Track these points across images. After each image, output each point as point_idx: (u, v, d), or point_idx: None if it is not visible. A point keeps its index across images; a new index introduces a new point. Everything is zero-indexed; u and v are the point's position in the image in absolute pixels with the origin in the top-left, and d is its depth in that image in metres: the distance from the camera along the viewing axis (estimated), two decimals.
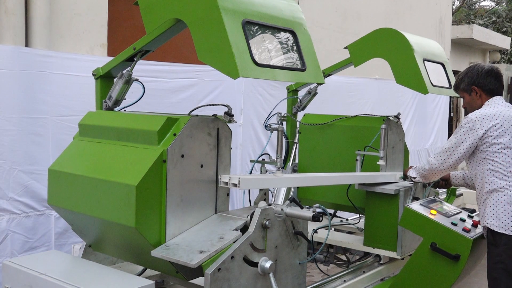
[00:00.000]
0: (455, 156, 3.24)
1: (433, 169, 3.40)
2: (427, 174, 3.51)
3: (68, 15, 4.72)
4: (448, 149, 3.27)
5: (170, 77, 4.91)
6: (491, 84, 3.29)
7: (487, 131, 3.11)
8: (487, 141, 3.11)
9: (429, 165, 3.42)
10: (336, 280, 3.72)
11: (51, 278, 2.45)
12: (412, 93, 7.80)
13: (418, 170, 3.61)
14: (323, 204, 3.50)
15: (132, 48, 2.84)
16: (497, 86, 3.31)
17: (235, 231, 2.49)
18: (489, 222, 3.05)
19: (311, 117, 4.38)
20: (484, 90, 3.30)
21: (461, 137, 3.20)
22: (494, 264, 3.02)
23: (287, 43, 2.70)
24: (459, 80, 3.42)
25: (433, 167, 3.39)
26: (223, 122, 2.72)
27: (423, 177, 3.58)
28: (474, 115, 3.19)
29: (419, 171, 3.59)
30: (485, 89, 3.30)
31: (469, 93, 3.37)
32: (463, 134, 3.19)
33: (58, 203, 2.82)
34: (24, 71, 3.96)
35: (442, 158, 3.31)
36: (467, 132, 3.17)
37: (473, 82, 3.32)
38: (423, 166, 3.53)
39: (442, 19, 11.63)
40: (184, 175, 2.54)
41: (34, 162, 4.05)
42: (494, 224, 3.03)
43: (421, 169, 3.56)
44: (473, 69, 3.37)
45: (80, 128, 2.93)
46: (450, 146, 3.25)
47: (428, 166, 3.45)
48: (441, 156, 3.32)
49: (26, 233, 4.05)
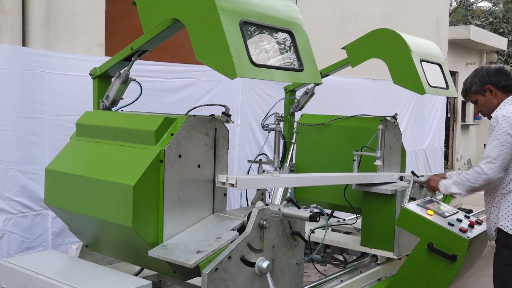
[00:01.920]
0: (506, 159, 2.99)
1: (491, 180, 3.01)
2: (478, 188, 3.09)
3: (66, 14, 4.71)
4: (498, 155, 2.97)
5: (168, 77, 4.91)
6: (504, 80, 3.23)
7: None
8: None
9: (486, 176, 2.99)
10: (333, 280, 3.72)
11: (47, 278, 2.45)
12: (409, 93, 7.81)
13: (464, 185, 3.12)
14: (320, 204, 3.51)
15: (130, 48, 2.83)
16: (510, 82, 3.24)
17: (232, 231, 2.49)
18: (503, 224, 3.02)
19: (308, 117, 4.38)
20: (499, 87, 3.23)
21: (505, 137, 2.98)
22: (505, 266, 2.98)
23: (285, 43, 2.70)
24: (469, 83, 3.32)
25: (491, 177, 2.99)
26: (221, 122, 2.72)
27: (471, 191, 3.14)
28: (506, 113, 3.03)
29: (466, 186, 3.11)
30: (499, 86, 3.22)
31: (483, 94, 3.27)
32: (504, 134, 2.98)
33: (55, 203, 2.81)
34: (21, 70, 3.96)
35: (496, 166, 2.98)
36: (508, 132, 2.98)
37: (485, 81, 3.25)
38: (470, 179, 3.07)
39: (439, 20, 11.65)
40: (182, 175, 2.54)
41: (31, 162, 4.05)
42: (508, 227, 2.99)
43: (469, 183, 3.09)
44: (482, 70, 3.31)
45: (77, 128, 2.93)
46: (499, 151, 2.97)
47: (482, 180, 3.02)
48: (493, 164, 2.98)
49: (22, 233, 4.04)
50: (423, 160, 9.01)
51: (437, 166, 9.49)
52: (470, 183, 3.07)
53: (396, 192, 3.72)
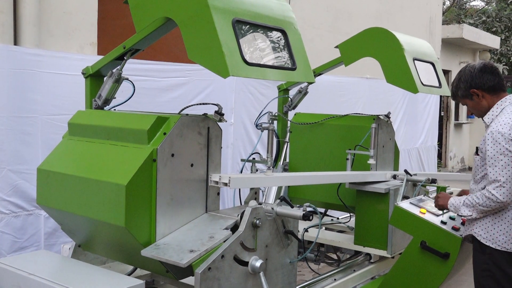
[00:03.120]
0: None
1: (505, 204, 2.86)
2: (490, 211, 2.93)
3: (58, 13, 4.69)
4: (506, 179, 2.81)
5: (161, 76, 4.89)
6: (489, 81, 3.00)
7: None
8: None
9: (500, 202, 2.83)
10: (327, 279, 3.73)
11: (40, 279, 2.43)
12: (402, 92, 7.83)
13: (476, 208, 2.95)
14: (314, 203, 3.52)
15: (122, 47, 2.82)
16: (496, 80, 3.01)
17: (225, 230, 2.49)
18: (476, 231, 2.97)
19: (302, 116, 4.38)
20: (485, 89, 3.01)
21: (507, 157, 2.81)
22: (481, 271, 2.96)
23: (278, 42, 2.70)
24: (455, 88, 3.13)
25: (505, 202, 2.83)
26: (214, 121, 2.72)
27: (482, 213, 2.96)
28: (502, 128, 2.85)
29: (478, 209, 2.94)
30: (486, 88, 3.01)
31: (470, 98, 3.07)
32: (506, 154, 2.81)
33: (47, 203, 2.80)
34: (13, 70, 3.93)
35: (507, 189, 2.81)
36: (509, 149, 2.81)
37: (469, 85, 3.03)
38: (482, 204, 2.90)
39: (432, 19, 11.70)
40: (174, 174, 2.53)
41: (23, 162, 4.03)
42: (482, 235, 2.94)
43: (481, 207, 2.91)
44: (465, 72, 3.08)
45: (69, 127, 2.91)
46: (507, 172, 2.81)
47: (495, 204, 2.85)
48: (503, 188, 2.81)
49: (15, 233, 4.02)
50: (417, 158, 9.04)
51: (430, 164, 9.53)
52: (482, 207, 2.91)
53: (389, 190, 3.73)
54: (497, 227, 2.91)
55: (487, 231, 2.93)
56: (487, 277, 2.93)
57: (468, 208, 2.98)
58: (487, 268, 2.93)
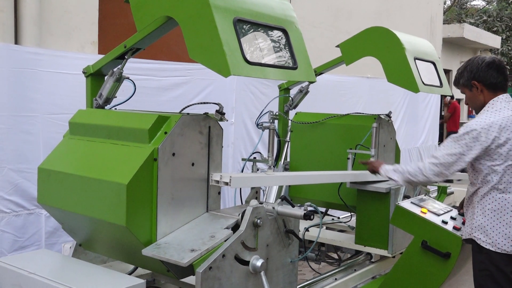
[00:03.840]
0: (454, 168, 2.93)
1: (428, 182, 3.04)
2: (415, 182, 3.09)
3: (58, 12, 4.69)
4: (446, 162, 2.92)
5: (161, 75, 4.89)
6: (492, 77, 2.98)
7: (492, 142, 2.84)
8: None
9: (423, 176, 3.00)
10: (328, 278, 3.73)
11: (41, 278, 2.43)
12: (403, 91, 7.82)
13: (403, 175, 3.11)
14: (315, 202, 3.51)
15: (123, 46, 2.82)
16: (500, 79, 2.99)
17: (226, 229, 2.49)
18: (476, 235, 2.96)
19: (302, 116, 4.38)
20: (486, 84, 2.99)
21: (461, 149, 2.88)
22: (480, 271, 2.96)
23: (279, 41, 2.69)
24: (459, 74, 3.12)
25: (430, 180, 3.00)
26: (215, 120, 2.71)
27: (408, 183, 3.14)
28: (480, 125, 2.88)
29: (404, 176, 3.10)
30: (487, 83, 2.99)
31: (469, 89, 3.06)
32: (462, 145, 2.87)
33: (48, 202, 2.80)
34: (14, 69, 3.93)
35: (438, 170, 2.95)
36: (467, 144, 2.87)
37: (473, 76, 3.02)
38: (411, 172, 3.06)
39: (433, 18, 11.69)
40: (175, 173, 2.53)
41: (24, 161, 4.03)
42: (481, 239, 2.93)
43: (409, 175, 3.07)
44: (473, 61, 3.06)
45: (70, 126, 2.91)
46: (450, 158, 2.90)
47: (421, 177, 3.01)
48: (437, 168, 2.96)
49: (16, 232, 4.02)
50: (417, 158, 9.03)
51: None
52: (409, 175, 3.06)
53: (390, 190, 3.72)
54: (496, 230, 2.90)
55: (487, 235, 2.92)
56: (485, 276, 2.93)
57: (397, 173, 3.15)
58: (485, 267, 2.93)
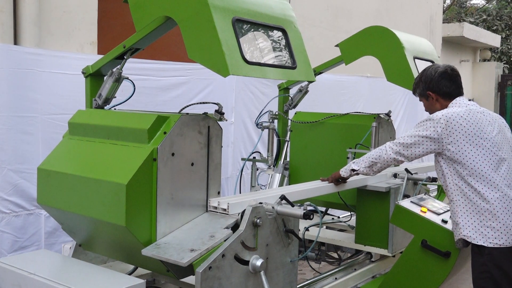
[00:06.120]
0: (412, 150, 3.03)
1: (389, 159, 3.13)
2: (378, 165, 3.20)
3: (58, 12, 4.69)
4: (408, 145, 3.04)
5: (161, 75, 4.89)
6: (445, 87, 3.08)
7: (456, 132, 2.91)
8: None
9: (384, 155, 3.14)
10: (328, 277, 3.73)
11: (40, 278, 2.43)
12: (403, 91, 7.81)
13: (366, 160, 3.25)
14: (314, 202, 3.50)
15: (122, 46, 2.82)
16: (453, 88, 3.09)
17: (226, 229, 2.49)
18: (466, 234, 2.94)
19: (302, 115, 4.38)
20: (440, 94, 3.10)
21: (423, 138, 2.98)
22: (480, 273, 2.94)
23: (278, 41, 2.69)
24: (415, 84, 3.24)
25: (389, 156, 3.12)
26: (214, 120, 2.71)
27: (370, 168, 3.25)
28: (447, 115, 2.95)
29: (368, 161, 3.23)
30: (441, 93, 3.10)
31: (426, 98, 3.18)
32: (427, 132, 2.97)
33: (47, 202, 2.80)
34: (13, 69, 3.93)
35: (397, 149, 3.08)
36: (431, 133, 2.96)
37: (427, 87, 3.13)
38: (373, 155, 3.21)
39: (433, 17, 11.69)
40: (175, 173, 2.53)
41: (23, 161, 4.03)
42: (472, 236, 2.91)
43: (371, 158, 3.21)
44: (427, 73, 3.14)
45: (69, 127, 2.91)
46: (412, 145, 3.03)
47: (383, 156, 3.14)
48: (396, 147, 3.09)
49: (15, 233, 4.02)
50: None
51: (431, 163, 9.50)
52: (372, 159, 3.20)
53: (390, 189, 3.72)
54: (484, 224, 2.88)
55: (476, 231, 2.90)
56: (486, 279, 2.92)
57: (358, 163, 3.30)
58: (486, 269, 2.91)
